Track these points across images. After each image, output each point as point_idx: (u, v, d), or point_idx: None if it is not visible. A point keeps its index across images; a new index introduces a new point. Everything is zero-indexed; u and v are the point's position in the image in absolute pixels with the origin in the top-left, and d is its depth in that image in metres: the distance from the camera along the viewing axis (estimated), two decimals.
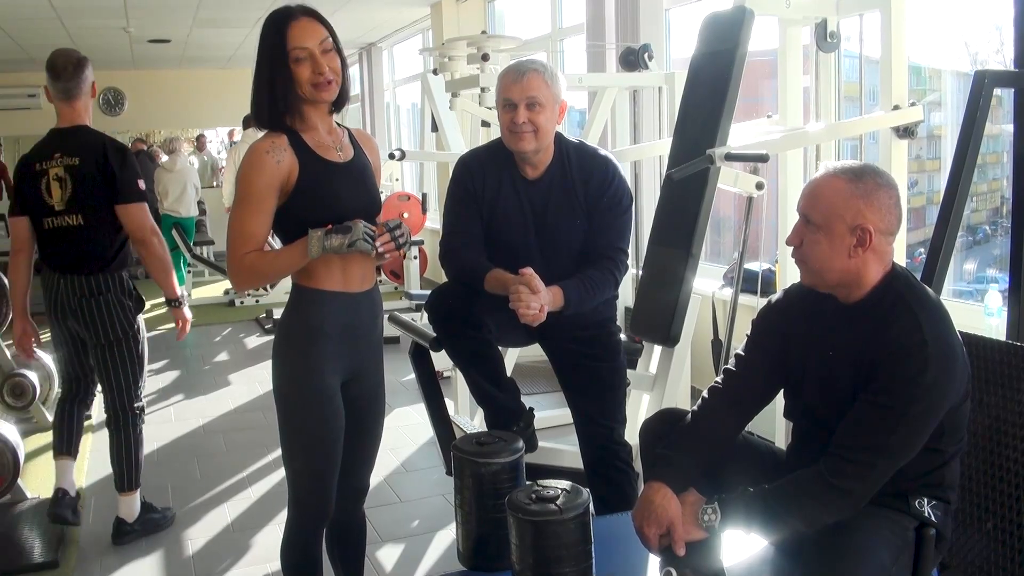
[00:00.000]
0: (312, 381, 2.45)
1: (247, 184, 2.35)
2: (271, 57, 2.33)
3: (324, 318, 2.45)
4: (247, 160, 2.36)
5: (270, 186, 2.34)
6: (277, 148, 2.35)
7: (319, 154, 2.41)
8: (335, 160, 2.44)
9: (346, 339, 2.49)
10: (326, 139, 2.44)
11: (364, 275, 2.51)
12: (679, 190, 3.58)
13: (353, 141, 2.55)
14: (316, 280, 2.43)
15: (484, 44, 5.80)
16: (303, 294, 2.46)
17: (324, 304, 2.45)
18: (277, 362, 2.50)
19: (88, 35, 10.38)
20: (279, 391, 2.51)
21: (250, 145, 2.39)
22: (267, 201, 2.35)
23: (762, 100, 5.73)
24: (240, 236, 2.37)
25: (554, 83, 2.87)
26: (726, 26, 3.54)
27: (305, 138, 2.40)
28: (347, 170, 2.46)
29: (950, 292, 4.21)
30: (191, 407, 6.04)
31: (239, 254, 2.38)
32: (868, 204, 2.08)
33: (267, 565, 3.64)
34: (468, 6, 9.30)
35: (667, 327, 3.54)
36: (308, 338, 2.45)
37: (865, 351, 2.06)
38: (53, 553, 3.74)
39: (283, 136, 2.37)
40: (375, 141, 2.73)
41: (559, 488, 2.12)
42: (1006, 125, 3.94)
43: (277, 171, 2.33)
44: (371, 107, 12.39)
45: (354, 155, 2.51)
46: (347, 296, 2.47)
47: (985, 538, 2.33)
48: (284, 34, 2.31)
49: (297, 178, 2.36)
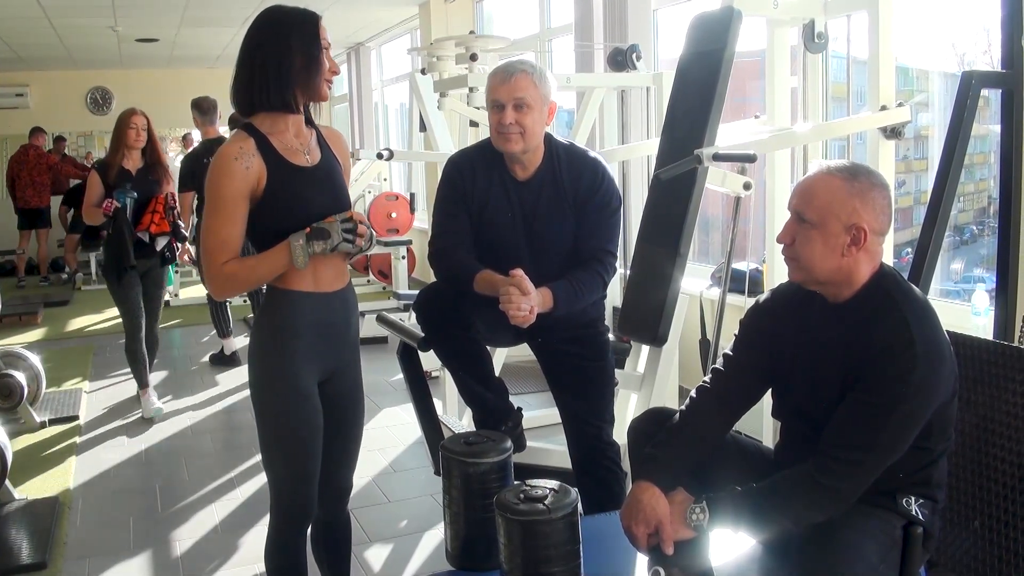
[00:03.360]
0: (287, 382, 2.44)
1: (217, 191, 2.34)
2: (309, 42, 2.37)
3: (296, 318, 2.44)
4: (216, 167, 2.34)
5: (240, 192, 2.33)
6: (245, 154, 2.34)
7: (287, 159, 2.40)
8: (303, 164, 2.43)
9: (320, 339, 2.48)
10: (294, 143, 2.44)
11: (336, 275, 2.51)
12: (667, 190, 3.59)
13: (321, 142, 2.54)
14: (288, 281, 2.43)
15: (472, 44, 5.79)
16: (276, 295, 2.46)
17: (296, 305, 2.44)
18: (253, 364, 2.50)
19: (76, 34, 10.35)
20: (256, 393, 2.50)
21: (218, 150, 2.36)
22: (239, 207, 2.35)
23: (750, 100, 5.74)
24: (216, 244, 2.35)
25: (543, 84, 2.86)
26: (714, 27, 3.54)
27: (273, 141, 2.39)
28: (314, 174, 2.45)
29: (937, 292, 4.22)
30: (178, 407, 6.02)
31: (217, 263, 2.36)
32: (863, 203, 2.08)
33: (255, 566, 3.63)
34: (456, 6, 9.29)
35: (655, 327, 3.54)
36: (281, 339, 2.45)
37: (853, 350, 2.07)
38: (41, 554, 3.72)
39: (250, 140, 2.36)
40: (344, 138, 2.72)
41: (547, 488, 2.13)
42: (993, 125, 3.96)
43: (246, 177, 2.33)
44: (359, 107, 12.37)
45: (321, 157, 2.50)
46: (319, 296, 2.47)
47: (972, 536, 2.34)
48: (318, 27, 2.39)
49: (265, 184, 2.35)
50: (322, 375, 2.53)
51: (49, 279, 11.73)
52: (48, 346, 7.85)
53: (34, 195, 11.37)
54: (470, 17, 9.30)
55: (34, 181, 11.34)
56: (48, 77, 13.38)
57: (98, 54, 12.06)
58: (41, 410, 5.69)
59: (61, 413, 5.74)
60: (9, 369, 5.44)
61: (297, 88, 2.38)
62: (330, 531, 2.76)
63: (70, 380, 6.72)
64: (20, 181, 11.32)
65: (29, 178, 11.32)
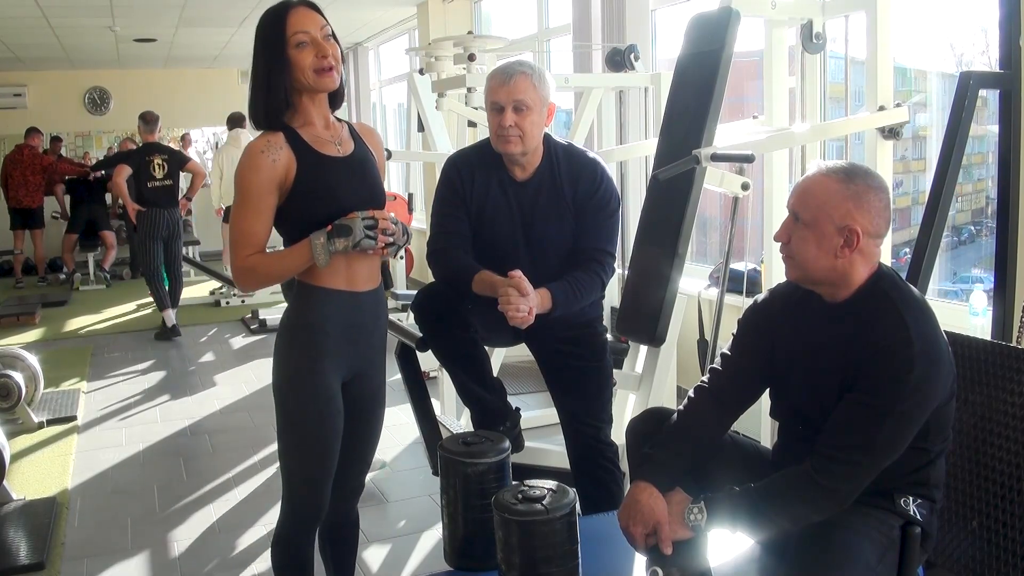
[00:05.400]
0: (314, 380, 2.41)
1: (244, 185, 2.33)
2: (269, 46, 2.32)
3: (326, 316, 2.42)
4: (243, 160, 2.33)
5: (267, 186, 2.31)
6: (272, 146, 2.32)
7: (317, 149, 2.38)
8: (333, 155, 2.41)
9: (348, 338, 2.45)
10: (324, 134, 2.41)
11: (369, 274, 2.48)
12: (665, 190, 3.59)
13: (354, 134, 2.51)
14: (319, 278, 2.40)
15: (470, 44, 5.79)
16: (306, 291, 2.43)
17: (327, 302, 2.42)
18: (278, 359, 2.47)
19: (74, 34, 10.34)
20: (278, 388, 2.46)
21: (247, 144, 2.36)
22: (265, 200, 2.33)
23: (748, 101, 5.75)
24: (241, 237, 2.35)
25: (542, 85, 2.86)
26: (712, 27, 3.55)
27: (302, 133, 2.37)
28: (346, 164, 2.42)
29: (935, 292, 4.22)
30: (176, 408, 6.02)
31: (242, 256, 2.35)
32: (858, 206, 2.08)
33: (253, 566, 3.63)
34: (454, 6, 9.29)
35: (653, 327, 3.54)
36: (309, 336, 2.42)
37: (850, 350, 2.07)
38: (39, 555, 3.72)
39: (279, 133, 2.35)
40: (378, 134, 2.69)
41: (545, 488, 2.13)
42: (991, 126, 3.96)
43: (273, 170, 2.31)
44: (357, 107, 12.38)
45: (354, 148, 2.47)
46: (350, 295, 2.44)
47: (970, 537, 2.34)
48: (284, 21, 2.31)
49: (295, 175, 2.33)
50: (347, 375, 2.50)
51: (47, 279, 11.72)
52: (46, 346, 7.85)
53: (26, 195, 11.34)
54: (468, 17, 9.30)
55: (27, 181, 11.32)
56: (46, 77, 13.36)
57: (96, 54, 12.05)
58: (39, 410, 5.68)
59: (59, 413, 5.73)
60: (7, 369, 5.44)
61: (286, 89, 2.35)
62: (338, 530, 2.74)
63: (68, 380, 6.72)
64: (13, 180, 11.30)
65: (22, 178, 11.30)
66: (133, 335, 8.46)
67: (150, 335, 8.27)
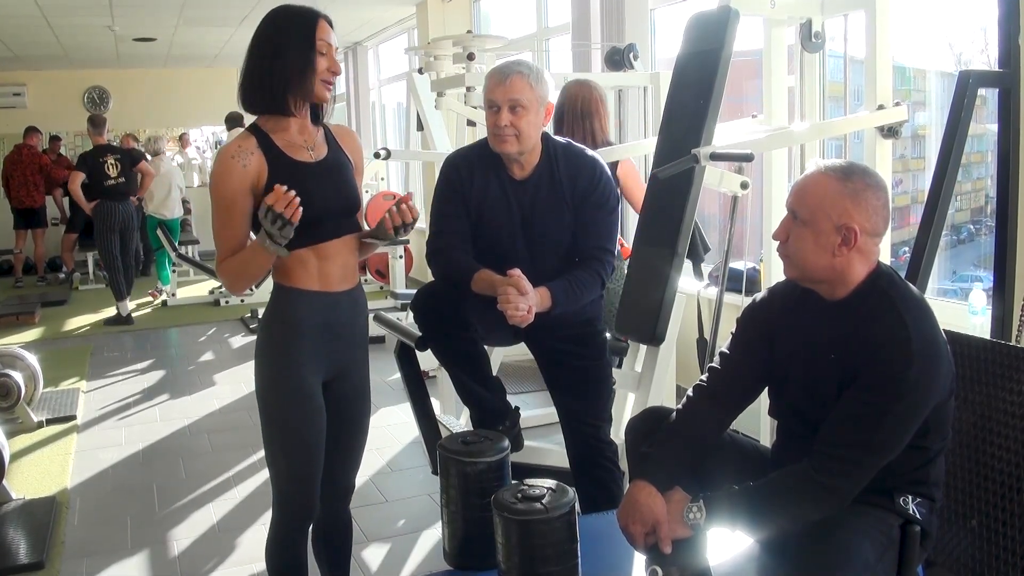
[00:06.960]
0: (291, 380, 2.45)
1: (216, 190, 2.37)
2: (299, 43, 2.36)
3: (300, 317, 2.45)
4: (215, 166, 2.39)
5: (239, 190, 2.35)
6: (243, 152, 2.35)
7: (288, 154, 2.40)
8: (305, 160, 2.43)
9: (325, 338, 2.48)
10: (297, 139, 2.44)
11: (344, 275, 2.51)
12: (664, 189, 3.59)
13: (329, 138, 2.54)
14: (294, 279, 2.44)
15: (470, 43, 5.78)
16: (281, 292, 2.48)
17: (301, 303, 2.45)
18: (258, 362, 2.51)
19: (73, 33, 10.34)
20: (260, 391, 2.51)
21: (219, 149, 2.40)
22: (238, 204, 2.36)
23: (747, 100, 5.74)
24: (218, 241, 2.41)
25: (539, 85, 2.86)
26: (711, 26, 3.54)
27: (275, 139, 2.40)
28: (317, 169, 2.45)
29: (934, 290, 4.22)
30: (176, 407, 6.02)
31: (221, 260, 2.42)
32: (855, 204, 2.08)
33: (252, 566, 3.63)
34: (454, 5, 9.29)
35: (652, 326, 3.54)
36: (286, 337, 2.46)
37: (849, 348, 2.07)
38: (39, 554, 3.72)
39: (251, 138, 2.39)
40: (357, 137, 2.72)
41: (545, 487, 2.13)
42: (990, 125, 3.96)
43: (244, 175, 2.34)
44: (356, 106, 12.37)
45: (328, 153, 2.50)
46: (326, 295, 2.47)
47: (970, 535, 2.35)
48: (315, 26, 2.39)
49: (267, 180, 2.35)
50: (327, 374, 2.52)
51: (47, 279, 11.72)
52: (45, 346, 7.85)
53: (27, 195, 11.35)
54: (467, 16, 9.29)
55: (27, 181, 11.33)
56: (45, 76, 13.37)
57: (95, 53, 12.05)
58: (38, 410, 5.68)
59: (58, 413, 5.73)
60: (6, 369, 5.44)
61: (290, 89, 2.38)
62: (331, 530, 2.75)
63: (67, 380, 6.71)
64: (14, 181, 11.31)
65: (23, 178, 11.31)
66: (133, 335, 8.46)
67: (150, 335, 8.29)
